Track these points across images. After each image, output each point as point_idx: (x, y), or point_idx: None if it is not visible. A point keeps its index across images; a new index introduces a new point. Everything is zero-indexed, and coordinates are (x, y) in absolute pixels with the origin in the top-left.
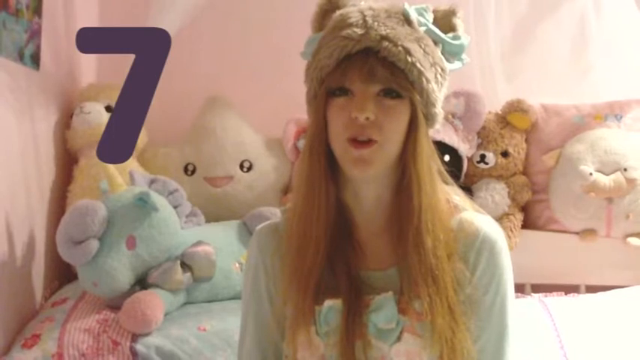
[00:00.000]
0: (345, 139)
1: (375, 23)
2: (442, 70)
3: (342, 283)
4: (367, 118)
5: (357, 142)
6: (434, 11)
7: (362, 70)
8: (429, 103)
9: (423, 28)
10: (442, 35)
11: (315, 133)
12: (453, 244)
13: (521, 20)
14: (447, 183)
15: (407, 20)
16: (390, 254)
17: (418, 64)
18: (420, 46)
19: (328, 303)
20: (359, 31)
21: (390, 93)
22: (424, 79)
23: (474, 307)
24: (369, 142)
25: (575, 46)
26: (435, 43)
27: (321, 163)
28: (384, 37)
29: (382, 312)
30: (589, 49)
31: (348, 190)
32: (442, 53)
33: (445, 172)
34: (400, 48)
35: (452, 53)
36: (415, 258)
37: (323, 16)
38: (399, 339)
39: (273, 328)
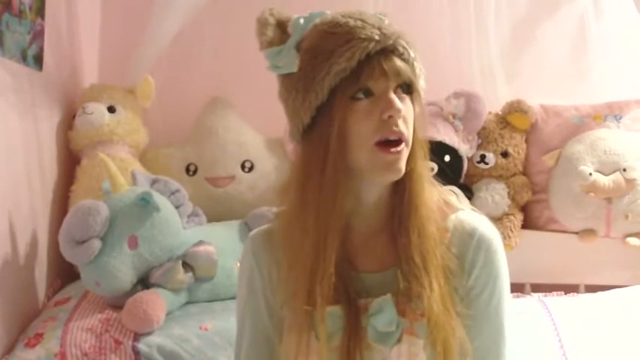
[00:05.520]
0: (373, 144)
1: (380, 23)
2: None
3: (340, 289)
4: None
5: (385, 145)
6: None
7: (386, 68)
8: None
9: None
10: None
11: (338, 143)
12: (446, 244)
13: (521, 22)
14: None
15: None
16: (387, 255)
17: (418, 59)
18: None
19: (328, 309)
20: (377, 31)
21: (404, 89)
22: (422, 74)
23: (471, 306)
24: (398, 142)
25: (575, 47)
26: None
27: (342, 176)
28: (399, 36)
29: (381, 315)
30: (588, 50)
31: (351, 197)
32: None
33: (430, 176)
34: (410, 44)
35: None
36: (418, 245)
37: (272, 29)
38: (398, 341)
39: (270, 332)
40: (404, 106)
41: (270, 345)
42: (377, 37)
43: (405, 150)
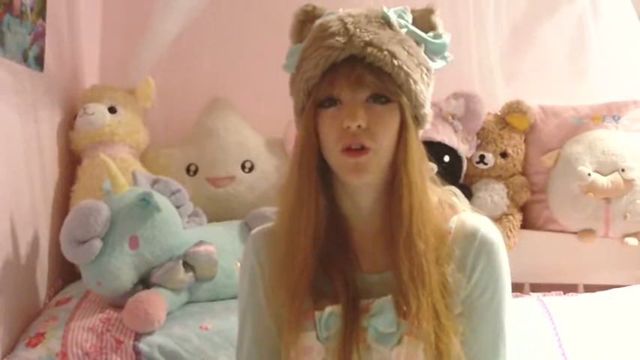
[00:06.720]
0: (339, 150)
1: (357, 30)
2: (427, 69)
3: (340, 289)
4: (359, 126)
5: (351, 150)
6: (412, 11)
7: (349, 78)
8: (417, 105)
9: (404, 30)
10: (423, 35)
11: (306, 147)
12: (448, 245)
13: (520, 22)
14: (436, 185)
15: (388, 23)
16: (386, 257)
17: (405, 67)
18: (404, 48)
19: (329, 309)
20: (342, 39)
21: (379, 98)
22: (412, 81)
23: (471, 307)
24: (363, 150)
25: (573, 48)
26: (418, 43)
27: (312, 177)
28: (368, 43)
29: (382, 316)
30: (587, 51)
31: (346, 200)
32: (425, 53)
33: (434, 175)
34: (385, 52)
35: (434, 52)
36: (405, 261)
37: (301, 27)
38: (399, 342)
39: (272, 331)
40: (374, 115)
41: (272, 343)
42: (340, 46)
43: (371, 155)
